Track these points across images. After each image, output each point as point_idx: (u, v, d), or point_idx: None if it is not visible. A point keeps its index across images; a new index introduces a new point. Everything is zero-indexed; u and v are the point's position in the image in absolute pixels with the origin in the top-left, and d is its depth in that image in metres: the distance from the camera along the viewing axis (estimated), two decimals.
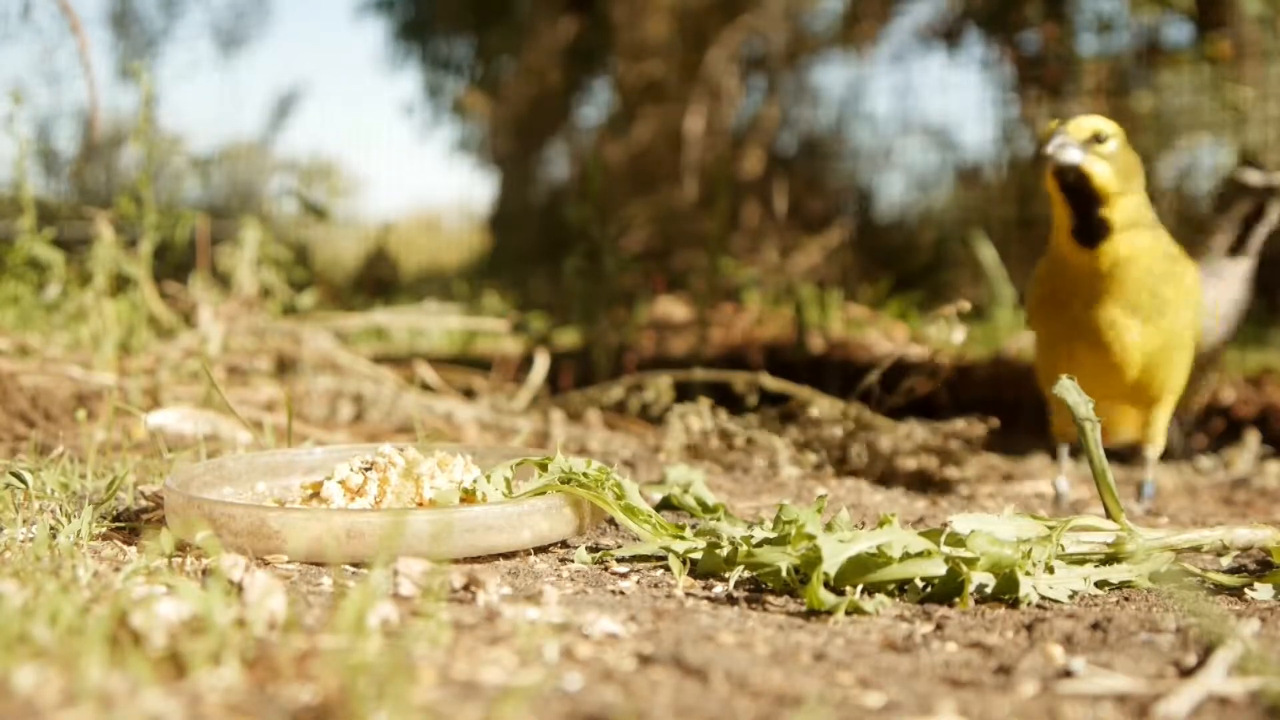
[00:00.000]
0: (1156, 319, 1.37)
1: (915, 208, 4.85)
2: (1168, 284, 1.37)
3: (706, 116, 4.49)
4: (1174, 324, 1.38)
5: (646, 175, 4.80)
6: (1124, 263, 1.36)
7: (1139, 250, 1.36)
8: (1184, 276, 1.39)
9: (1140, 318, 1.37)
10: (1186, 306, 1.39)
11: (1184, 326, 1.39)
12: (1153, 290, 1.36)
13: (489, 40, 5.82)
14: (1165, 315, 1.37)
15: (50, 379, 1.80)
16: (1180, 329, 1.39)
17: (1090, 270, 1.37)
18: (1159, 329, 1.38)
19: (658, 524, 1.07)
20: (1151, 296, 1.36)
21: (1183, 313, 1.38)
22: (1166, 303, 1.37)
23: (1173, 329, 1.38)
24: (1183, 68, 3.84)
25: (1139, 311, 1.37)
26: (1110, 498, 1.03)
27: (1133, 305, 1.37)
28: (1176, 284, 1.38)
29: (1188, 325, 1.40)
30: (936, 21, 4.57)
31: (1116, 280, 1.36)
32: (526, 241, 5.44)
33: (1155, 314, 1.37)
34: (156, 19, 6.01)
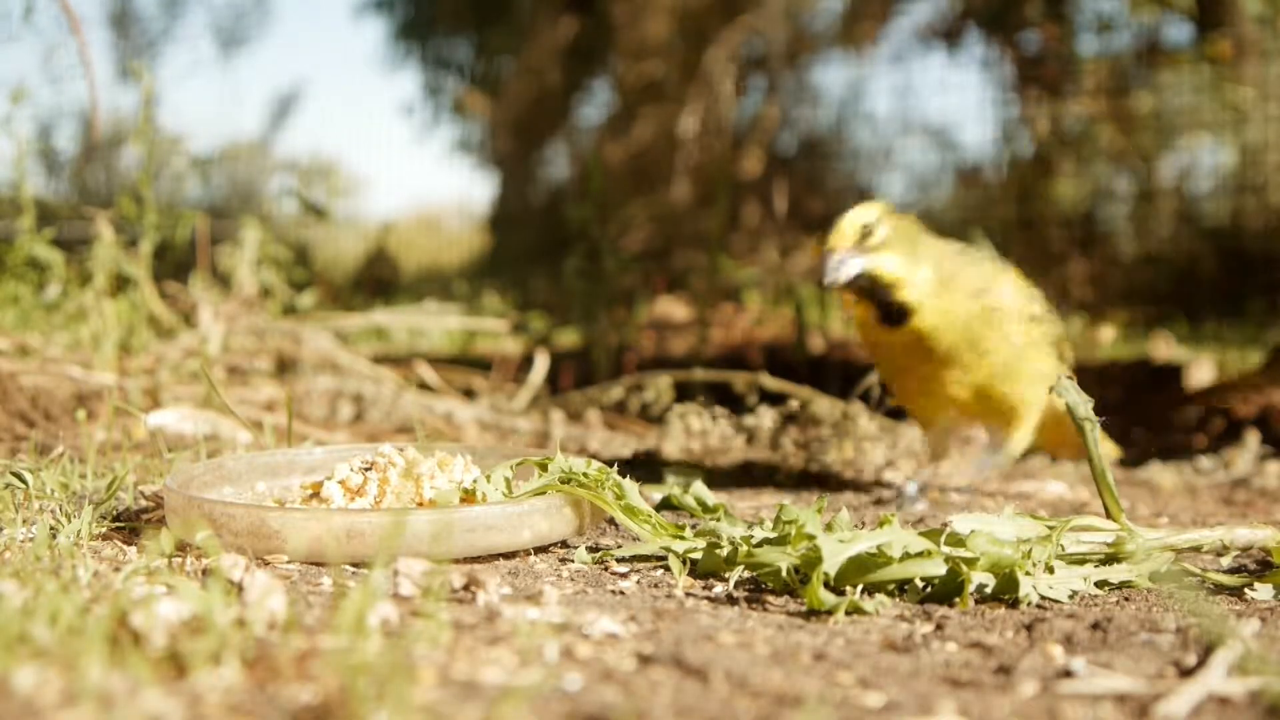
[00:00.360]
0: (979, 363, 1.34)
1: (915, 208, 4.85)
2: (986, 328, 1.33)
3: (706, 116, 4.49)
4: (1003, 355, 1.34)
5: (646, 175, 4.80)
6: (931, 332, 1.33)
7: (944, 317, 1.32)
8: (997, 314, 1.34)
9: (962, 367, 1.34)
10: (1012, 334, 1.34)
11: (1013, 352, 1.35)
12: (970, 343, 1.33)
13: (489, 40, 5.82)
14: (988, 356, 1.34)
15: (50, 379, 1.80)
16: (1009, 356, 1.35)
17: (903, 341, 1.35)
18: (987, 366, 1.34)
19: (658, 524, 1.07)
20: (970, 348, 1.33)
21: (1009, 342, 1.34)
22: (988, 350, 1.33)
23: (1003, 359, 1.34)
24: (1183, 68, 3.84)
25: (962, 366, 1.34)
26: (1110, 498, 1.03)
27: (953, 361, 1.34)
28: (993, 324, 1.33)
29: (1019, 347, 1.35)
30: (936, 21, 4.57)
31: (929, 347, 1.34)
32: (526, 241, 5.45)
33: (976, 362, 1.34)
34: (157, 19, 6.01)
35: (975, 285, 1.34)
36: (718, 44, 4.53)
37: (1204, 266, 3.81)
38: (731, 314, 3.22)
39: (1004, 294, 1.35)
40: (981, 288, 1.34)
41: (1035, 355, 1.37)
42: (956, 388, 1.36)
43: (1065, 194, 4.22)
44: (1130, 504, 1.51)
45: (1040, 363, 1.38)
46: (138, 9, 6.15)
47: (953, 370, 1.34)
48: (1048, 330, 1.39)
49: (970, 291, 1.33)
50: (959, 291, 1.33)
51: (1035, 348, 1.37)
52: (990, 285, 1.34)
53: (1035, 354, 1.37)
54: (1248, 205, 3.72)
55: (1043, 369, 1.38)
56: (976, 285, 1.34)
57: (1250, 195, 3.70)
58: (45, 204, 2.59)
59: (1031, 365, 1.37)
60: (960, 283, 1.33)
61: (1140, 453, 1.95)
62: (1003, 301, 1.34)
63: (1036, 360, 1.37)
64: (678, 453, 1.73)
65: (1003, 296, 1.35)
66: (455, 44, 6.30)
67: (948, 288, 1.33)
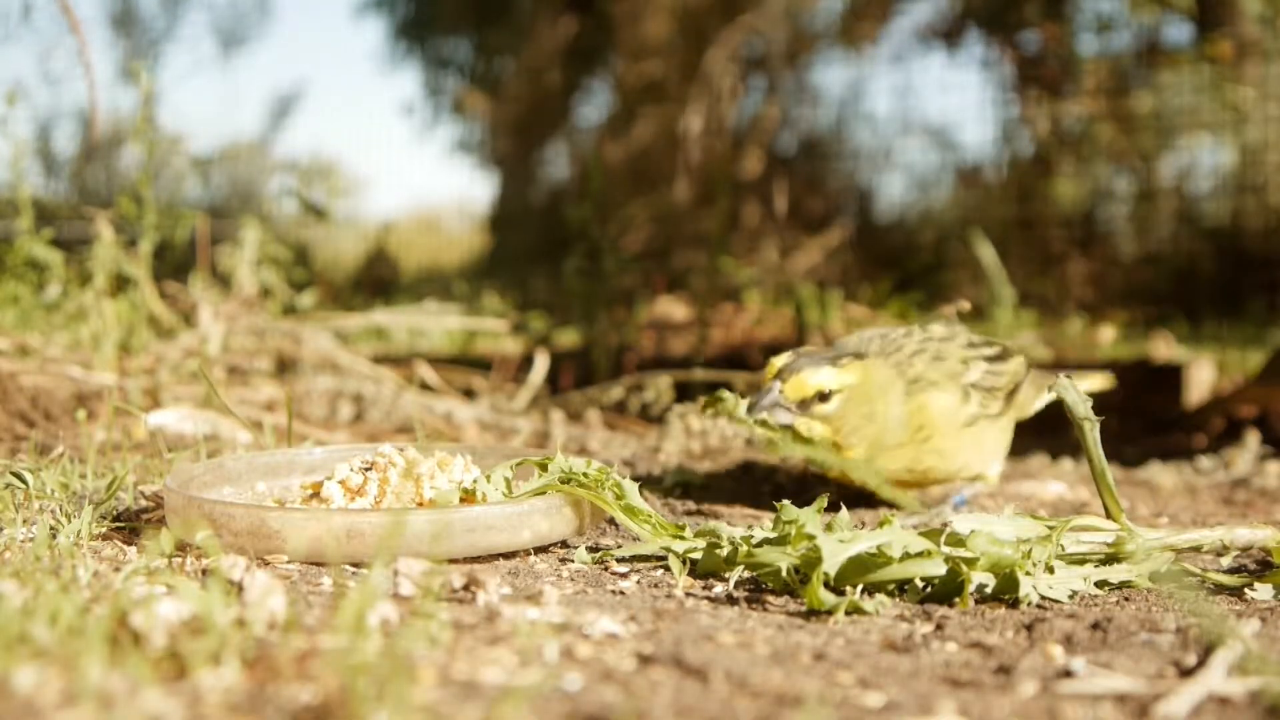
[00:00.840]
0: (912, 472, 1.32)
1: (915, 208, 4.85)
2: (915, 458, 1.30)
3: (706, 116, 4.49)
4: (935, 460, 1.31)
5: (646, 175, 4.80)
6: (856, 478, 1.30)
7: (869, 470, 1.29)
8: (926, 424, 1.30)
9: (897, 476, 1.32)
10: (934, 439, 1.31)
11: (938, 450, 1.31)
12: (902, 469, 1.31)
13: (489, 39, 5.83)
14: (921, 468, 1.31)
15: (50, 379, 1.80)
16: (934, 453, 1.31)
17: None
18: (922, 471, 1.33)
19: (658, 524, 1.07)
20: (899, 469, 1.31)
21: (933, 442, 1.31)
22: (921, 465, 1.31)
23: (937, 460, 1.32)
24: (1183, 68, 3.84)
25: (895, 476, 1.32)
26: (1110, 498, 1.03)
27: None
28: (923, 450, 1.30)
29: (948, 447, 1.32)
30: (936, 21, 4.57)
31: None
32: (526, 241, 5.45)
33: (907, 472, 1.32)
34: (157, 19, 6.02)
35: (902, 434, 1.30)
36: (718, 44, 4.53)
37: (1204, 266, 3.81)
38: (731, 314, 3.22)
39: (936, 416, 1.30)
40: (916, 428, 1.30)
41: (979, 435, 1.33)
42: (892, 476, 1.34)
43: (1065, 194, 4.22)
44: (1130, 504, 1.51)
45: (985, 434, 1.34)
46: (138, 9, 6.14)
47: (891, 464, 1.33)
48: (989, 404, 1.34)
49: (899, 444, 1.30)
50: (887, 449, 1.30)
51: (978, 432, 1.33)
52: (924, 423, 1.30)
53: (979, 435, 1.33)
54: (1248, 205, 3.72)
55: (988, 438, 1.35)
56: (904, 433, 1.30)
57: (1250, 195, 3.70)
58: (45, 204, 2.59)
59: (974, 444, 1.33)
60: (889, 438, 1.30)
61: (1140, 453, 1.95)
62: (936, 427, 1.31)
63: (980, 438, 1.34)
64: (678, 453, 1.73)
65: (936, 421, 1.30)
66: (455, 43, 6.30)
67: (874, 445, 1.30)
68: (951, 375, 1.32)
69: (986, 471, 1.38)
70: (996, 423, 1.36)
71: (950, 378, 1.32)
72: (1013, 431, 1.41)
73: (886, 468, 1.31)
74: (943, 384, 1.32)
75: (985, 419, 1.34)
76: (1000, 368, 1.37)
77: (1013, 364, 1.39)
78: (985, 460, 1.37)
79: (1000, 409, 1.35)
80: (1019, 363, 1.40)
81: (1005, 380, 1.36)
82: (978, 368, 1.35)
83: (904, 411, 1.30)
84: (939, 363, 1.33)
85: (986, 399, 1.34)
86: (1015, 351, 1.42)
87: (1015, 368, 1.39)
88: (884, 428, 1.29)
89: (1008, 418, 1.38)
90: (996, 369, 1.37)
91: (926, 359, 1.33)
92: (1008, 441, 1.40)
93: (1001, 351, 1.39)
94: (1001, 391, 1.36)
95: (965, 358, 1.35)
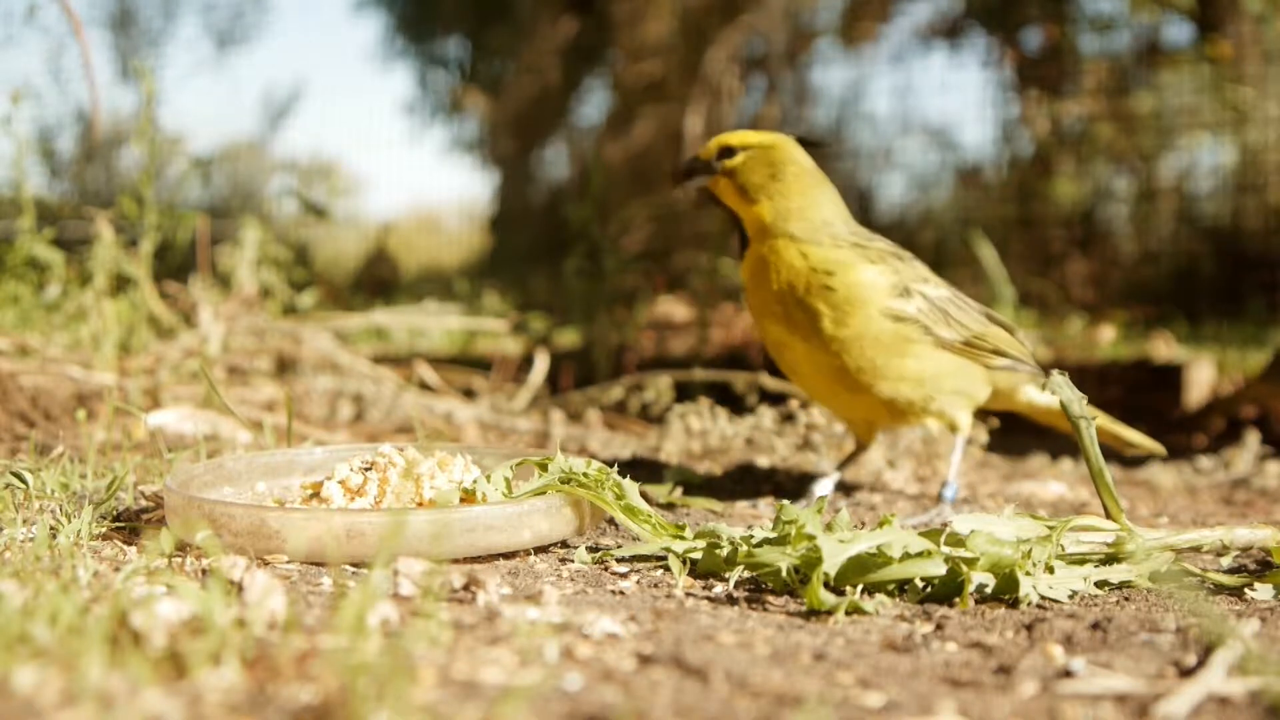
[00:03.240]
0: (814, 335, 1.28)
1: (915, 208, 4.85)
2: (816, 298, 1.27)
3: (706, 116, 4.49)
4: (841, 336, 1.27)
5: (646, 175, 4.80)
6: (758, 275, 1.30)
7: (772, 263, 1.29)
8: (839, 289, 1.27)
9: (798, 334, 1.30)
10: (852, 317, 1.27)
11: (859, 337, 1.27)
12: (799, 303, 1.28)
13: (489, 38, 5.83)
14: (822, 331, 1.28)
15: (50, 379, 1.80)
16: (854, 341, 1.28)
17: (746, 282, 1.34)
18: (823, 344, 1.28)
19: (658, 524, 1.07)
20: (800, 309, 1.28)
21: (850, 323, 1.27)
22: (819, 315, 1.27)
23: (842, 342, 1.28)
24: (1183, 68, 3.84)
25: (796, 327, 1.29)
26: (1109, 497, 1.03)
27: (787, 319, 1.30)
28: (826, 297, 1.27)
29: (867, 336, 1.28)
30: (937, 21, 4.57)
31: (759, 292, 1.31)
32: (526, 241, 5.45)
33: (811, 330, 1.28)
34: (156, 19, 6.02)
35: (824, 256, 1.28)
36: (718, 44, 4.53)
37: (1204, 266, 3.81)
38: (731, 314, 3.22)
39: (857, 274, 1.27)
40: (831, 261, 1.28)
41: (922, 356, 1.29)
42: (799, 358, 1.31)
43: (1065, 194, 4.22)
44: (1130, 504, 1.51)
45: (931, 360, 1.30)
46: (137, 9, 6.15)
47: (802, 341, 1.29)
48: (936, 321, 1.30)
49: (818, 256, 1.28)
50: (801, 251, 1.28)
51: (906, 343, 1.28)
52: (840, 264, 1.28)
53: (922, 355, 1.29)
54: (1248, 205, 3.72)
55: (935, 366, 1.30)
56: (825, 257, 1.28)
57: (1250, 195, 3.70)
58: (45, 204, 2.59)
59: (904, 363, 1.29)
60: (815, 245, 1.28)
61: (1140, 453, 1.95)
62: (843, 280, 1.27)
63: (926, 361, 1.30)
64: (678, 453, 1.73)
65: (851, 275, 1.27)
66: (455, 43, 6.30)
67: (800, 239, 1.29)
68: (897, 270, 1.30)
69: (948, 411, 1.33)
70: (953, 358, 1.31)
71: (894, 270, 1.29)
72: (985, 392, 1.36)
73: (815, 374, 1.31)
74: (879, 264, 1.29)
75: (932, 342, 1.29)
76: (977, 317, 1.34)
77: (998, 330, 1.36)
78: (941, 394, 1.31)
79: (956, 342, 1.31)
80: (1007, 336, 1.37)
81: (976, 327, 1.33)
82: (940, 291, 1.32)
83: (831, 256, 1.28)
84: (896, 259, 1.32)
85: (934, 315, 1.29)
86: (1013, 330, 1.40)
87: (999, 333, 1.36)
88: (788, 195, 1.30)
89: (976, 368, 1.34)
90: (968, 311, 1.34)
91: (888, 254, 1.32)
92: (974, 390, 1.35)
93: (996, 319, 1.38)
94: (965, 329, 1.32)
95: (930, 277, 1.33)
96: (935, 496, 1.50)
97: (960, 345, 1.32)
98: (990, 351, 1.35)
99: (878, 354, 1.28)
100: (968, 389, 1.34)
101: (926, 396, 1.32)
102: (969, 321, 1.33)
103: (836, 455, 1.70)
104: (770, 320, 1.32)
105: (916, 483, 1.60)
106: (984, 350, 1.34)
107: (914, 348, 1.29)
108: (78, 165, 5.11)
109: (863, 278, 1.28)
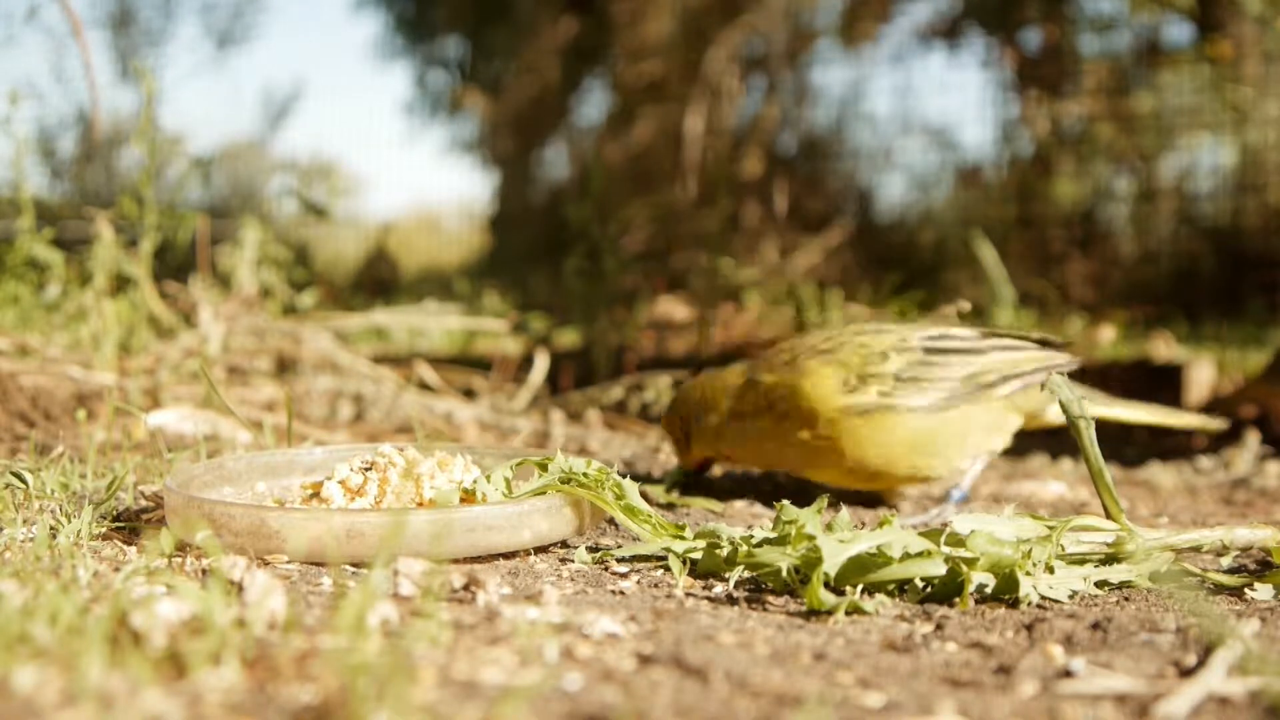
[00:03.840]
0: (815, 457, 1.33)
1: (915, 208, 4.85)
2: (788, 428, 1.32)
3: (706, 116, 4.49)
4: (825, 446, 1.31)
5: (646, 175, 4.80)
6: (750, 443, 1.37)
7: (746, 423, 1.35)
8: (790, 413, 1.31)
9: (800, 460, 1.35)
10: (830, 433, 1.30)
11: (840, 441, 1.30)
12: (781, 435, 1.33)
13: (488, 38, 5.83)
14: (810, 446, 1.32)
15: (50, 379, 1.80)
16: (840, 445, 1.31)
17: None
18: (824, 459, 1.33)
19: (658, 524, 1.07)
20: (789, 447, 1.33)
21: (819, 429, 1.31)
22: (799, 438, 1.32)
23: (831, 450, 1.31)
24: (1183, 68, 3.84)
25: (792, 459, 1.35)
26: (1109, 497, 1.03)
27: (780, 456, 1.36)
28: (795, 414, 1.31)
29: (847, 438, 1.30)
30: (936, 21, 4.58)
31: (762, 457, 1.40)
32: (526, 241, 5.45)
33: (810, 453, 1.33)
34: (156, 19, 6.02)
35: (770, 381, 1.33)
36: (718, 44, 4.53)
37: (1204, 266, 3.81)
38: (731, 314, 3.22)
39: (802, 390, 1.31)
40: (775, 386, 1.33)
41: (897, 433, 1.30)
42: (843, 477, 1.35)
43: (1065, 194, 4.22)
44: (1130, 504, 1.51)
45: (913, 435, 1.30)
46: (137, 9, 6.15)
47: (808, 465, 1.36)
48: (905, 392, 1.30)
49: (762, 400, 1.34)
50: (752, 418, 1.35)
51: (885, 431, 1.29)
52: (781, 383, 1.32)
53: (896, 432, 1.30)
54: (1248, 205, 3.73)
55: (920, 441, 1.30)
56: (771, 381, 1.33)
57: (1250, 195, 3.71)
58: (46, 204, 2.59)
59: (897, 445, 1.30)
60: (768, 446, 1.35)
61: (1140, 453, 1.96)
62: (791, 403, 1.31)
63: (902, 436, 1.30)
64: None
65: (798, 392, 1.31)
66: (455, 42, 6.30)
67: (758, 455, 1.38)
68: (843, 364, 1.31)
69: (961, 465, 1.34)
70: (948, 415, 1.30)
71: (839, 364, 1.31)
72: (1006, 421, 1.36)
73: (841, 479, 1.35)
74: (821, 369, 1.32)
75: (907, 413, 1.29)
76: (964, 359, 1.33)
77: (1000, 356, 1.34)
78: (954, 449, 1.32)
79: (939, 403, 1.30)
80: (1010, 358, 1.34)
81: (963, 370, 1.32)
82: (905, 358, 1.31)
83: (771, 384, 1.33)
84: (828, 354, 1.33)
85: (904, 389, 1.29)
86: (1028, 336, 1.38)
87: (1000, 359, 1.34)
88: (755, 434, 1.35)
89: (977, 411, 1.32)
90: (953, 360, 1.32)
91: (826, 349, 1.33)
92: (990, 429, 1.34)
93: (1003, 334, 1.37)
94: (948, 383, 1.31)
95: (892, 348, 1.32)
96: (936, 497, 1.50)
97: (946, 402, 1.31)
98: (995, 383, 1.33)
99: (863, 448, 1.31)
100: (979, 428, 1.34)
101: (941, 458, 1.32)
102: (952, 371, 1.32)
103: None
104: (782, 463, 1.38)
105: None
106: (987, 385, 1.32)
107: (896, 428, 1.30)
108: (78, 165, 5.11)
109: (803, 389, 1.32)
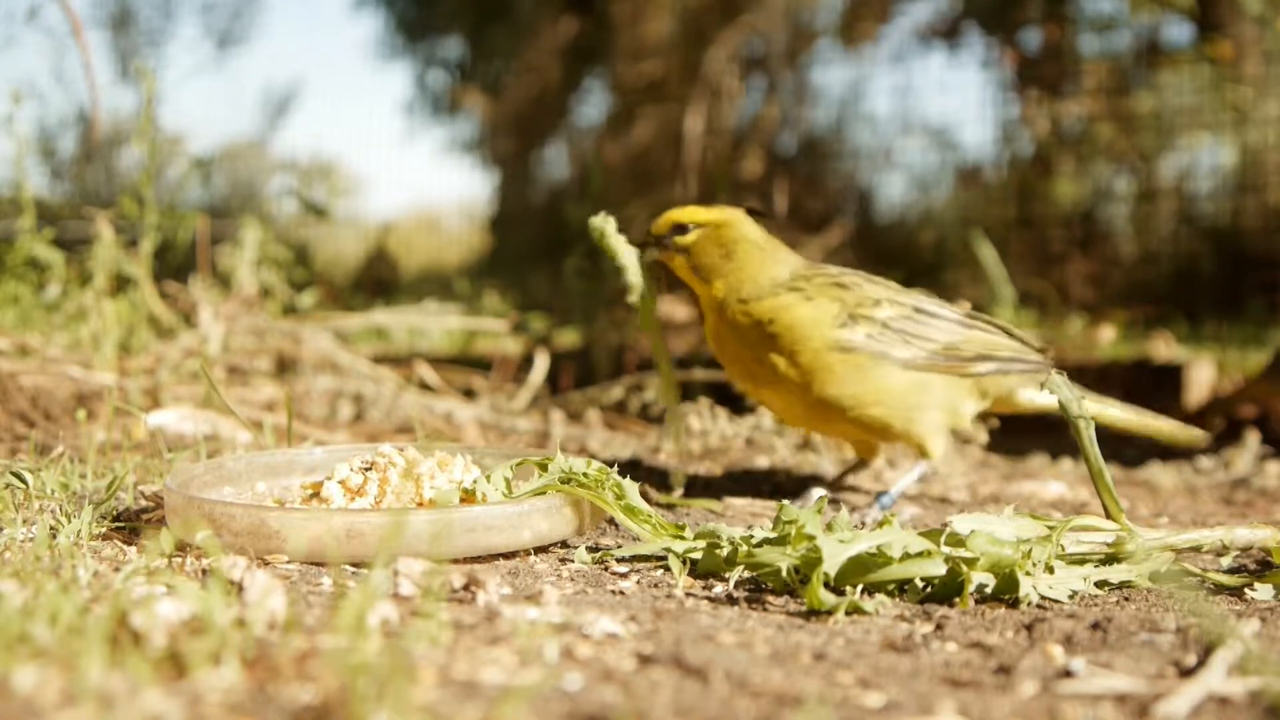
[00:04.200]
0: (776, 382, 1.32)
1: (915, 208, 4.85)
2: (765, 348, 1.31)
3: (706, 116, 4.49)
4: (796, 376, 1.30)
5: (646, 175, 4.80)
6: (719, 341, 1.35)
7: (727, 329, 1.34)
8: (781, 333, 1.30)
9: (765, 384, 1.33)
10: (800, 355, 1.30)
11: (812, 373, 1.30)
12: (755, 357, 1.32)
13: (488, 38, 5.83)
14: (780, 375, 1.31)
15: (50, 379, 1.80)
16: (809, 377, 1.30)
17: (713, 348, 1.38)
18: (786, 387, 1.31)
19: (657, 524, 1.07)
20: (757, 363, 1.32)
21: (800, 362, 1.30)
22: (773, 362, 1.31)
23: (799, 380, 1.30)
24: (1183, 68, 3.84)
25: (761, 379, 1.33)
26: (1109, 497, 1.03)
27: (751, 375, 1.34)
28: (774, 344, 1.30)
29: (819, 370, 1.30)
30: (936, 21, 4.58)
31: (724, 356, 1.36)
32: (526, 241, 5.45)
33: (773, 377, 1.31)
34: (156, 19, 6.02)
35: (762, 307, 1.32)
36: (718, 44, 4.53)
37: (1204, 266, 3.81)
38: None
39: (794, 314, 1.31)
40: (765, 309, 1.32)
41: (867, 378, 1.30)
42: (792, 410, 1.34)
43: (1065, 194, 4.22)
44: (1130, 504, 1.51)
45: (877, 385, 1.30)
46: (137, 9, 6.15)
47: (770, 390, 1.34)
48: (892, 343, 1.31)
49: (750, 310, 1.32)
50: (742, 304, 1.33)
51: (859, 371, 1.30)
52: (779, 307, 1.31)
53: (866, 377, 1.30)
54: (1248, 205, 3.73)
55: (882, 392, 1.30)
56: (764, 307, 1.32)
57: (1250, 195, 3.70)
58: (46, 204, 2.59)
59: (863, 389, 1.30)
60: (749, 297, 1.33)
61: (1140, 453, 1.96)
62: (783, 324, 1.30)
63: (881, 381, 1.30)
64: (678, 453, 1.73)
65: (788, 316, 1.31)
66: (454, 42, 6.30)
67: (737, 298, 1.34)
68: (839, 299, 1.31)
69: (926, 431, 1.33)
70: (917, 375, 1.31)
71: (835, 300, 1.31)
72: (970, 401, 1.36)
73: (789, 409, 1.34)
74: (817, 298, 1.31)
75: (891, 364, 1.30)
76: (949, 326, 1.33)
77: (980, 335, 1.34)
78: (913, 411, 1.32)
79: (919, 359, 1.31)
80: (990, 339, 1.35)
81: (944, 338, 1.32)
82: (895, 310, 1.32)
83: (770, 304, 1.32)
84: (839, 289, 1.33)
85: (887, 338, 1.30)
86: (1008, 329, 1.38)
87: (980, 338, 1.34)
88: (741, 269, 1.33)
89: (949, 381, 1.33)
90: (935, 323, 1.33)
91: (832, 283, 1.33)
92: (952, 402, 1.34)
93: (983, 321, 1.37)
94: (931, 343, 1.32)
95: (882, 298, 1.33)
96: (936, 497, 1.50)
97: (925, 362, 1.31)
98: (971, 359, 1.33)
99: (833, 385, 1.30)
100: (944, 402, 1.34)
101: (900, 417, 1.32)
102: (936, 334, 1.33)
103: (837, 455, 1.70)
104: (741, 379, 1.37)
105: (917, 482, 1.60)
106: (963, 359, 1.33)
107: (871, 373, 1.30)
108: (78, 165, 5.11)
109: (800, 316, 1.31)
